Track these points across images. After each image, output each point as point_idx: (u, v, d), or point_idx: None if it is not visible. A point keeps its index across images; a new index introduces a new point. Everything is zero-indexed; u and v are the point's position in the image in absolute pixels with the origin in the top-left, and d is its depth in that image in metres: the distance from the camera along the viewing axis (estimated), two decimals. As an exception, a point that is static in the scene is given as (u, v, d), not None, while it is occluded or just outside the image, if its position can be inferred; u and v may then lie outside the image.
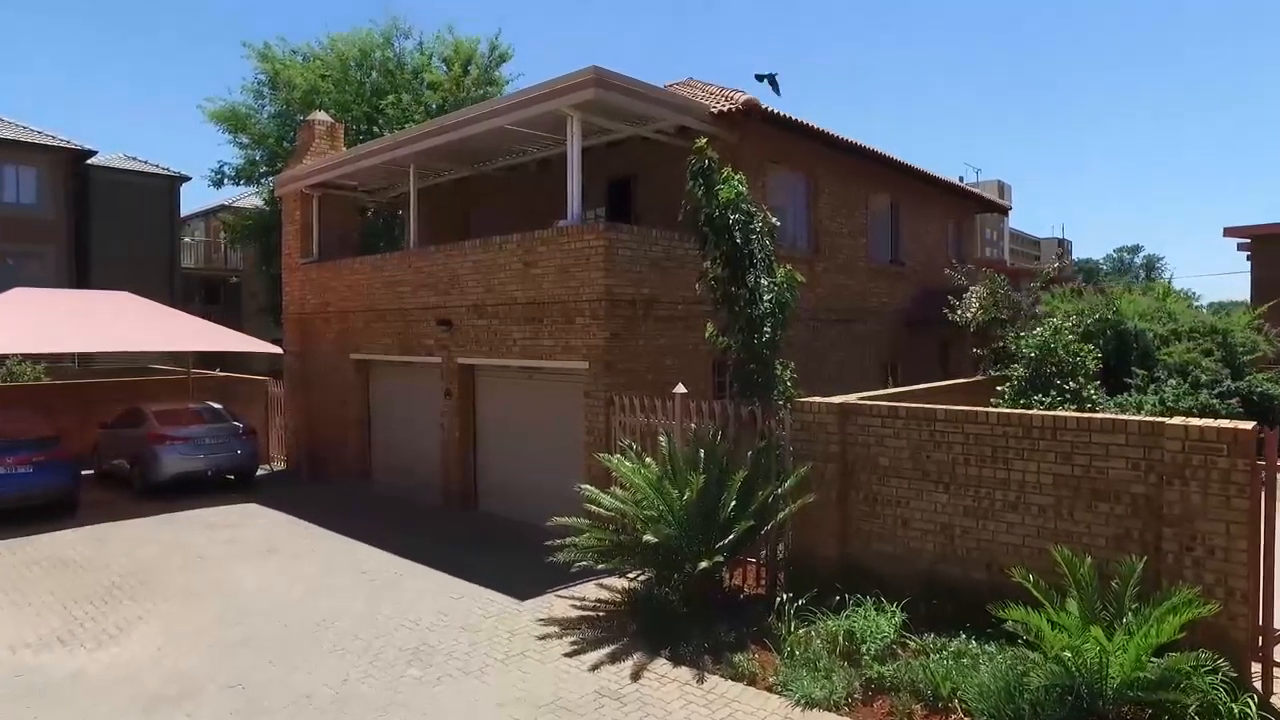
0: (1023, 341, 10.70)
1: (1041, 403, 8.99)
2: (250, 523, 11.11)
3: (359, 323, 13.72)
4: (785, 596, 6.91)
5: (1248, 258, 22.86)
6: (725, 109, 11.07)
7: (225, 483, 13.31)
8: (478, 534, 10.50)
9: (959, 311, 13.46)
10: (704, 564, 6.37)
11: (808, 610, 6.77)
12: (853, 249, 14.76)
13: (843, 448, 7.51)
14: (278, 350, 14.51)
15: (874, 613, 6.55)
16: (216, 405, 14.21)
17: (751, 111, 11.05)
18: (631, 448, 7.92)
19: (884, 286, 15.91)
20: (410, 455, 13.07)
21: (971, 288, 17.40)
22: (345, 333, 14.10)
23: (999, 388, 10.59)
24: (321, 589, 8.24)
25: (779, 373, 7.93)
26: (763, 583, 8.04)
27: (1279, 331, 15.41)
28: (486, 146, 12.76)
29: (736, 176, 7.83)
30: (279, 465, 15.64)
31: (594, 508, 7.27)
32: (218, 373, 17.97)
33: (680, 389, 8.79)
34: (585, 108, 10.00)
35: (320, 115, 16.06)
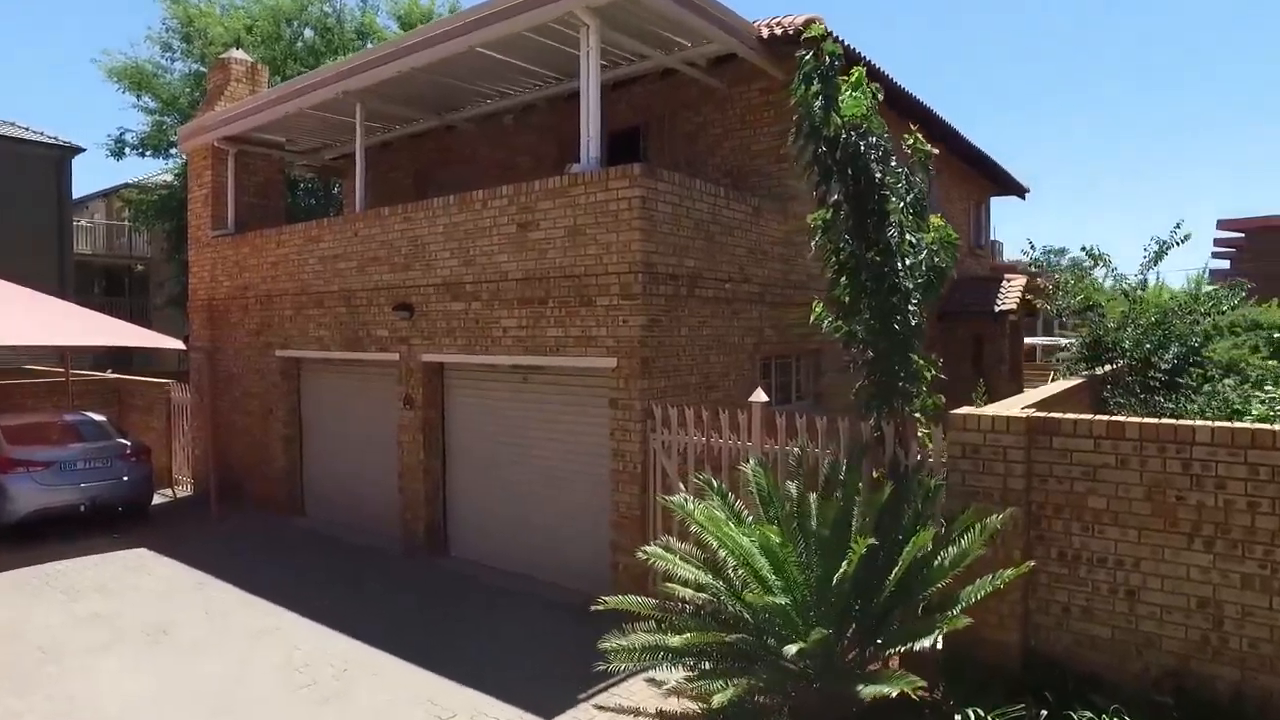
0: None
1: None
2: (134, 583, 8.03)
3: (287, 310, 10.70)
4: (973, 714, 4.43)
5: (1214, 254, 22.04)
6: (780, 33, 8.53)
7: (109, 517, 10.10)
8: (455, 596, 7.70)
9: (1055, 300, 11.19)
10: (882, 689, 3.78)
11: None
12: (892, 226, 12.43)
13: (1028, 482, 5.08)
14: (180, 345, 11.37)
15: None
16: (98, 417, 10.97)
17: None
18: (711, 485, 5.30)
19: (918, 272, 13.64)
20: (357, 483, 10.14)
21: (1007, 276, 15.37)
22: (269, 323, 11.05)
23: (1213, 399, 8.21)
24: (231, 705, 5.37)
25: (922, 371, 5.42)
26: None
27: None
28: (453, 87, 9.95)
29: (871, 85, 5.26)
30: (185, 490, 12.43)
31: (674, 588, 4.61)
32: (108, 374, 14.55)
33: (760, 395, 6.24)
34: (608, 12, 7.34)
35: (238, 54, 12.90)
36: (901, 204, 5.19)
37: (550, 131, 11.21)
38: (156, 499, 11.38)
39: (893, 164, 5.21)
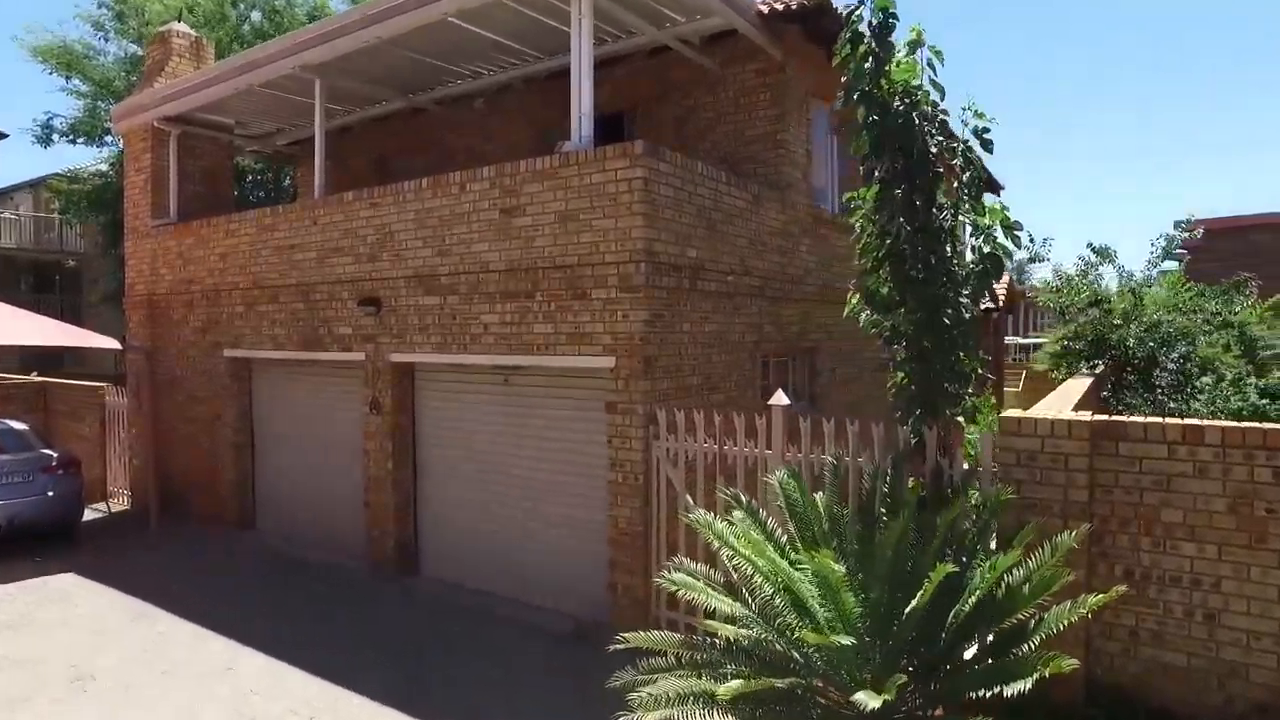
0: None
1: None
2: (59, 616, 7.06)
3: (237, 305, 9.75)
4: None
5: (1164, 255, 22.40)
6: (781, 8, 7.95)
7: (31, 539, 9.02)
8: (431, 623, 6.91)
9: (1061, 297, 10.80)
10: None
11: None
12: (880, 220, 11.95)
13: (1091, 493, 4.56)
14: (115, 345, 10.31)
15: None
16: (19, 425, 9.84)
17: (823, 9, 7.92)
18: (739, 500, 4.65)
19: (904, 269, 13.20)
20: (317, 495, 9.25)
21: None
22: (216, 320, 10.07)
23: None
24: (174, 768, 4.55)
25: (969, 370, 4.86)
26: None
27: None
28: (422, 64, 9.13)
29: (931, 48, 4.62)
30: (121, 505, 11.33)
31: (714, 627, 3.93)
32: (33, 378, 13.30)
33: (781, 398, 5.62)
34: (602, -26, 6.67)
35: (180, 26, 11.85)
36: (957, 183, 4.61)
37: (525, 116, 10.45)
38: (88, 515, 10.30)
39: (949, 138, 4.62)
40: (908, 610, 3.55)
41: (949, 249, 4.65)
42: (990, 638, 3.96)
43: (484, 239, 7.15)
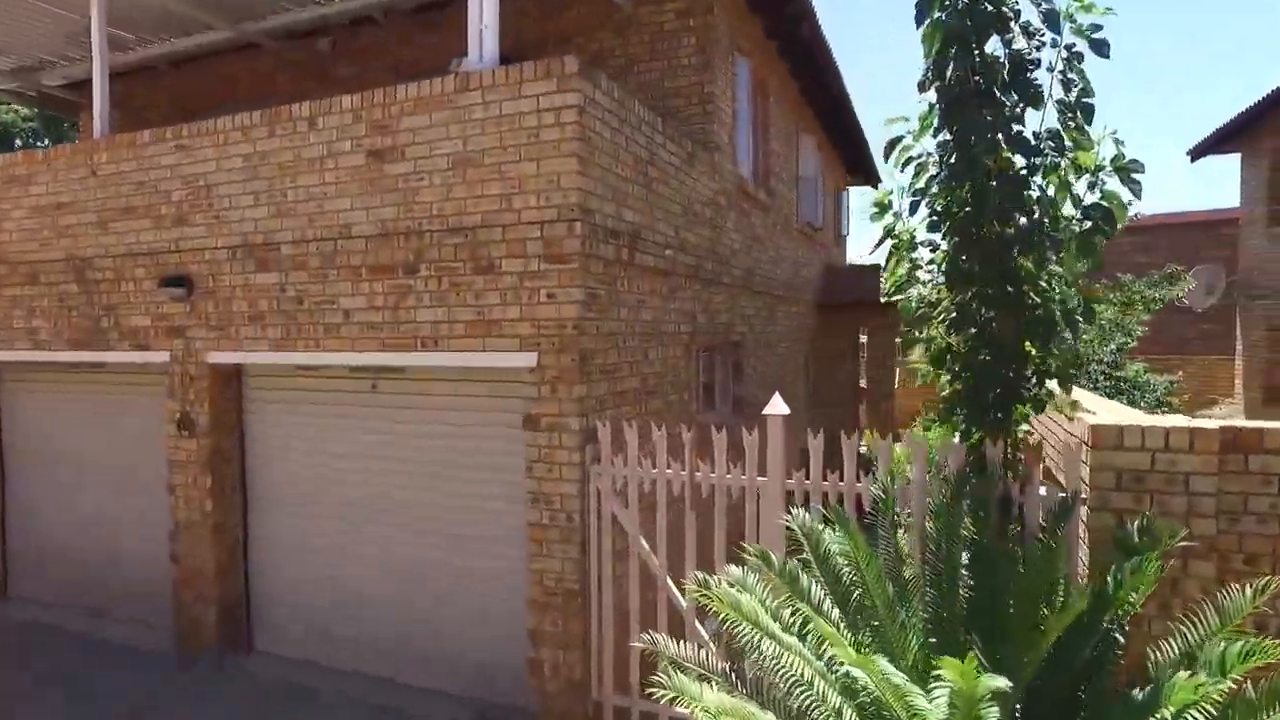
0: None
1: None
2: None
3: (-22, 290, 7.09)
4: None
5: None
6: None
7: None
8: (274, 727, 4.89)
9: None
10: None
11: None
12: (788, 200, 10.91)
13: (1216, 521, 3.44)
14: None
15: None
16: None
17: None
18: (769, 560, 3.14)
19: (807, 256, 12.28)
20: (99, 549, 6.80)
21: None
22: (-52, 310, 7.32)
23: None
24: None
25: (1062, 365, 3.60)
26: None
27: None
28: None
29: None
30: None
31: None
32: None
33: (780, 406, 4.16)
34: None
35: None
36: (1056, 103, 3.30)
37: (383, 57, 8.46)
38: None
39: (1048, 39, 3.29)
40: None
41: (1034, 193, 3.36)
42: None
43: (344, 193, 5.21)
